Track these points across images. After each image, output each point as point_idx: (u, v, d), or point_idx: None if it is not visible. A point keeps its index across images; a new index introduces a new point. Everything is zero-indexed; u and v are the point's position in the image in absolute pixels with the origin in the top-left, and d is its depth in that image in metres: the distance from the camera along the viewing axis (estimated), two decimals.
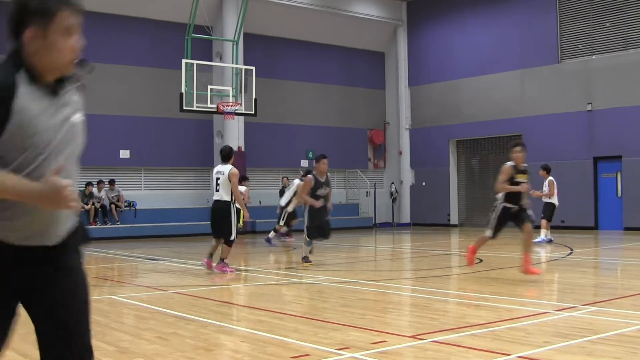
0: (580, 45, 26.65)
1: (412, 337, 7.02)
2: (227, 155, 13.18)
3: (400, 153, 32.39)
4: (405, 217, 32.06)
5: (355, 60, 32.21)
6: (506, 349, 6.33)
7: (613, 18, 25.82)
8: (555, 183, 19.46)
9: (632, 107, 24.74)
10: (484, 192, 29.26)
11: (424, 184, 31.59)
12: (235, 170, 12.92)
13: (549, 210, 19.48)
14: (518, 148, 11.44)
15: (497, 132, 28.67)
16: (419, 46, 32.06)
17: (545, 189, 19.50)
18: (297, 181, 20.15)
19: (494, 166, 29.10)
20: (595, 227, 25.59)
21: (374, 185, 31.73)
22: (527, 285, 10.75)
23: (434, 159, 31.17)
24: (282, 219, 20.54)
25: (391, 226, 31.22)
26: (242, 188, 23.61)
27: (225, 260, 13.03)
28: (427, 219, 31.00)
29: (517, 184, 11.31)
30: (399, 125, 32.52)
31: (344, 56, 31.74)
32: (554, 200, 19.48)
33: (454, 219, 30.68)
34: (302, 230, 14.44)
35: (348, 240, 22.05)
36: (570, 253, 16.66)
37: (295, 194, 19.55)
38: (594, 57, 26.24)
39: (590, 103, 25.84)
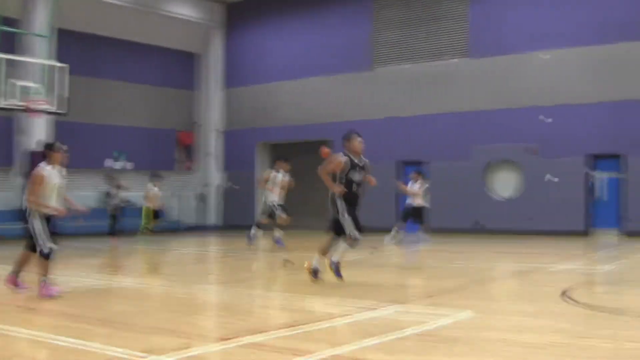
0: (392, 53, 27.63)
1: (219, 340, 7.04)
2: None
3: (209, 155, 32.20)
4: (215, 220, 31.93)
5: (170, 60, 31.77)
6: (313, 349, 6.44)
7: (423, 28, 26.97)
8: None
9: (437, 114, 26.00)
10: (291, 195, 29.67)
11: (234, 186, 31.59)
12: (35, 171, 10.08)
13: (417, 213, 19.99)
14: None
15: (309, 136, 29.11)
16: (235, 48, 32.06)
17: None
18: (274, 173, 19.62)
19: (304, 170, 29.66)
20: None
21: (183, 188, 31.41)
22: (334, 285, 10.97)
23: (245, 162, 31.26)
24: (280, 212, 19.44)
25: (199, 229, 30.98)
26: (155, 189, 22.84)
27: (45, 279, 9.97)
28: (237, 222, 31.03)
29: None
30: (210, 128, 32.38)
31: (159, 56, 31.19)
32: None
33: None
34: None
35: (154, 243, 21.68)
36: (375, 253, 17.19)
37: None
38: (405, 65, 27.29)
39: (401, 110, 26.92)
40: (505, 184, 25.30)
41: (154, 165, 30.21)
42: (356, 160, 11.50)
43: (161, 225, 23.19)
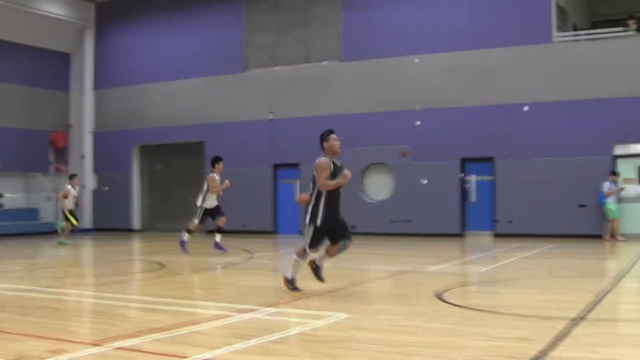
0: (264, 56, 27.58)
1: (93, 344, 6.77)
2: None
3: (82, 157, 31.37)
4: (88, 222, 31.09)
5: (42, 60, 30.76)
6: (187, 352, 6.32)
7: (295, 32, 27.04)
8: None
9: (310, 117, 26.06)
10: (166, 197, 29.32)
11: (106, 188, 30.87)
12: None
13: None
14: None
15: (181, 138, 28.80)
16: (106, 49, 31.35)
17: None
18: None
19: (178, 172, 29.29)
20: (274, 232, 26.57)
21: (57, 190, 30.45)
22: (209, 288, 10.82)
23: (117, 164, 30.60)
24: (197, 217, 17.68)
25: (73, 231, 30.06)
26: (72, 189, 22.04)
27: None
28: (110, 224, 30.34)
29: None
30: (82, 129, 31.52)
31: (30, 56, 30.19)
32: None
33: (137, 224, 30.36)
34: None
35: (27, 247, 20.91)
36: (251, 257, 17.08)
37: (207, 189, 17.51)
38: (277, 68, 27.29)
39: (272, 112, 26.85)
40: (379, 187, 25.62)
41: (26, 168, 29.25)
42: (337, 163, 10.39)
43: (34, 227, 22.62)
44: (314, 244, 10.06)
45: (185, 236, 17.58)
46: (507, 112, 23.71)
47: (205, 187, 17.51)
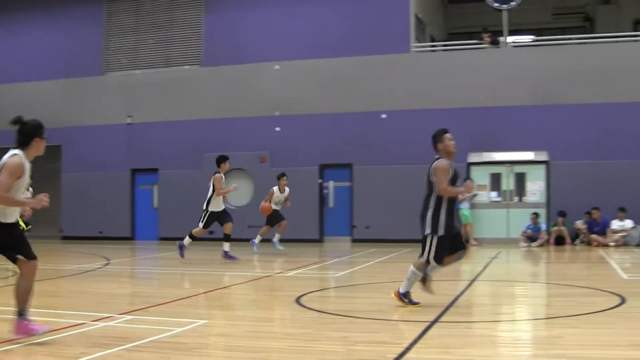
0: (124, 60, 27.04)
1: None
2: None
3: None
4: None
5: None
6: None
7: (156, 35, 26.66)
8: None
9: (170, 122, 25.73)
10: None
11: None
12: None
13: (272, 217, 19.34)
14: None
15: None
16: None
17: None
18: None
19: (33, 177, 28.15)
20: (132, 238, 26.05)
21: None
22: (63, 296, 10.49)
23: None
24: (202, 221, 16.97)
25: None
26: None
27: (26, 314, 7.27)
28: None
29: None
30: None
31: None
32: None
33: None
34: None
35: None
36: (107, 263, 16.68)
37: (213, 190, 16.83)
38: (137, 71, 26.80)
39: (131, 116, 26.35)
40: (238, 192, 25.51)
41: None
42: (454, 166, 9.39)
43: None
44: (440, 255, 9.15)
45: (186, 240, 17.07)
46: (365, 120, 24.14)
47: (210, 189, 17.04)
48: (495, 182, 23.92)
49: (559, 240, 22.11)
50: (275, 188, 19.35)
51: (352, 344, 7.09)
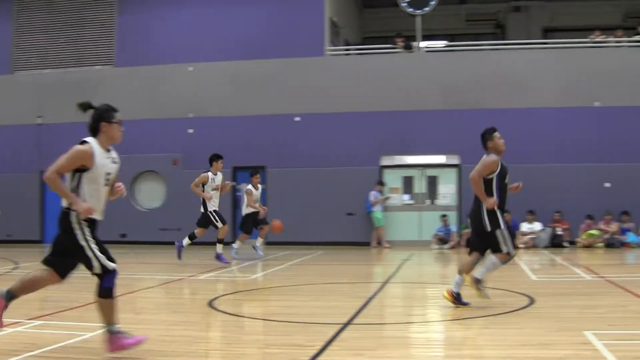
0: (34, 58, 26.44)
1: None
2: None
3: None
4: None
5: None
6: None
7: (67, 34, 26.15)
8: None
9: (81, 123, 25.12)
10: None
11: None
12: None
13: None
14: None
15: None
16: None
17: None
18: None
19: None
20: (41, 241, 25.46)
21: None
22: None
23: None
24: (216, 221, 16.66)
25: None
26: None
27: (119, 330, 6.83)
28: None
29: None
30: None
31: None
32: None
33: None
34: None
35: None
36: (16, 267, 16.28)
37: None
38: (47, 70, 26.23)
39: (42, 117, 25.77)
40: (150, 195, 25.26)
41: None
42: (504, 163, 9.53)
43: None
44: (511, 244, 9.36)
45: (185, 241, 16.90)
46: (279, 122, 24.17)
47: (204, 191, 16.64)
48: (408, 185, 24.26)
49: None
50: (250, 186, 18.37)
51: (266, 346, 7.10)
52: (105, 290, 6.63)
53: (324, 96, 24.05)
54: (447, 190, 24.03)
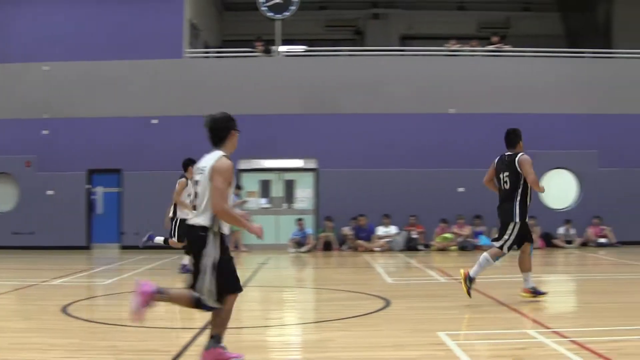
0: None
1: None
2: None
3: None
4: None
5: None
6: None
7: None
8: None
9: None
10: None
11: None
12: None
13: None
14: None
15: None
16: None
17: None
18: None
19: None
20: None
21: None
22: None
23: None
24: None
25: None
26: None
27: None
28: None
29: None
30: None
31: None
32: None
33: None
34: None
35: None
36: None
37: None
38: None
39: None
40: (2, 198, 24.29)
41: None
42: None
43: None
44: (514, 242, 10.05)
45: (158, 239, 15.89)
46: (136, 125, 23.69)
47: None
48: (265, 188, 24.35)
49: (327, 246, 22.76)
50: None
51: (121, 352, 6.98)
52: None
53: (182, 99, 23.76)
54: (304, 194, 24.25)
